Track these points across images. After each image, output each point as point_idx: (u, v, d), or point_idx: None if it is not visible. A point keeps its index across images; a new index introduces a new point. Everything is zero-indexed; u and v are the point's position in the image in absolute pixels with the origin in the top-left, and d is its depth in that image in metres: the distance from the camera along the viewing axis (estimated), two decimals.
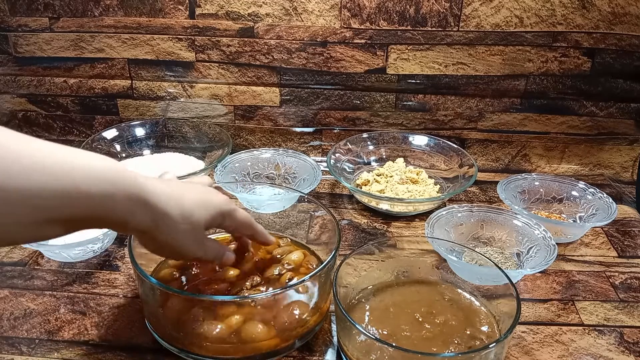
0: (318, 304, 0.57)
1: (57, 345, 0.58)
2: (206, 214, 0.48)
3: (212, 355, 0.53)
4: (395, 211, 0.82)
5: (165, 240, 0.45)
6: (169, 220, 0.44)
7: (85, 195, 0.36)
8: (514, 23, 0.89)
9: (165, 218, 0.44)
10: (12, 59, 0.97)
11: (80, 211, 0.37)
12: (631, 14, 0.87)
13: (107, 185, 0.38)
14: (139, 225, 0.42)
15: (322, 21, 0.90)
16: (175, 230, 0.45)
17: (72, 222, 0.37)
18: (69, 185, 0.35)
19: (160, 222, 0.43)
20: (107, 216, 0.39)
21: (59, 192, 0.35)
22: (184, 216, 0.45)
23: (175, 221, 0.44)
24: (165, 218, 0.43)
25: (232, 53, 0.94)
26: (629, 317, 0.64)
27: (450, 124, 0.98)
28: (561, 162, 0.99)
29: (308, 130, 0.99)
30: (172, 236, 0.45)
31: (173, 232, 0.45)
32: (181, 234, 0.46)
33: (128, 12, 0.92)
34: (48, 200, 0.34)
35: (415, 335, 0.55)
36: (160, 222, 0.43)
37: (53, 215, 0.36)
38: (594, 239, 0.79)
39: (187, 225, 0.46)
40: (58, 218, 0.36)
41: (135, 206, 0.41)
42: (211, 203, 0.49)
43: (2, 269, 0.69)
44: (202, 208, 0.48)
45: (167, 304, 0.54)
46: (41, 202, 0.34)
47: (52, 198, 0.35)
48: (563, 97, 0.95)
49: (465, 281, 0.62)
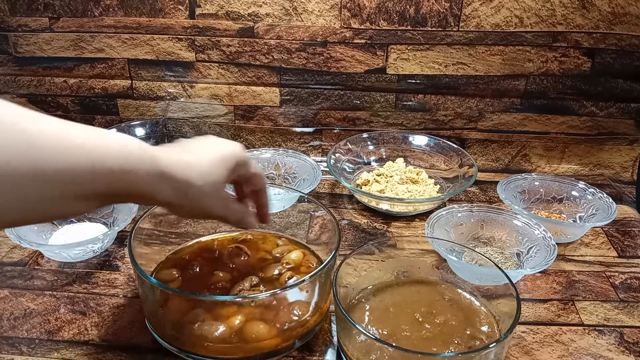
0: (318, 304, 0.57)
1: (57, 345, 0.58)
2: (225, 168, 0.48)
3: (212, 355, 0.53)
4: (395, 211, 0.82)
5: (193, 205, 0.46)
6: (192, 188, 0.45)
7: (107, 171, 0.38)
8: (514, 23, 0.89)
9: (189, 187, 0.44)
10: (12, 59, 0.97)
11: (105, 187, 0.38)
12: (631, 14, 0.87)
13: (125, 163, 0.39)
14: (165, 198, 0.43)
15: (322, 21, 0.90)
16: (200, 195, 0.46)
17: (101, 197, 0.39)
18: (98, 162, 0.37)
19: (185, 191, 0.44)
20: (132, 190, 0.41)
21: (83, 169, 0.36)
22: (206, 179, 0.46)
23: (199, 186, 0.45)
24: (188, 187, 0.44)
25: (232, 53, 0.94)
26: (629, 317, 0.64)
27: (450, 124, 0.98)
28: (561, 162, 0.99)
29: (308, 130, 0.99)
30: (198, 201, 0.46)
31: (198, 197, 0.46)
32: (206, 197, 0.47)
33: (128, 12, 0.92)
34: (74, 177, 0.36)
35: (415, 335, 0.55)
36: (185, 191, 0.44)
37: (80, 191, 0.37)
38: (594, 239, 0.79)
39: (210, 187, 0.46)
40: (85, 193, 0.37)
41: (157, 181, 0.42)
42: (228, 155, 0.49)
43: (2, 269, 0.69)
44: (221, 164, 0.48)
45: (167, 304, 0.54)
46: (68, 179, 0.35)
47: (77, 175, 0.36)
48: (563, 97, 0.95)
49: (465, 281, 0.62)
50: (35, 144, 0.34)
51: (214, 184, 0.47)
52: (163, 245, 0.67)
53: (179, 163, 0.44)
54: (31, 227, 0.71)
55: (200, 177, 0.45)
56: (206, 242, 0.69)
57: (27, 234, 0.69)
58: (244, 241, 0.68)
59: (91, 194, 0.38)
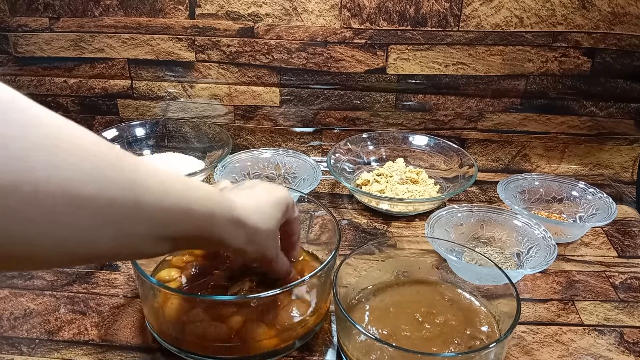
0: (318, 304, 0.57)
1: (57, 345, 0.58)
2: (280, 211, 0.51)
3: (212, 355, 0.53)
4: (395, 211, 0.82)
5: (257, 249, 0.48)
6: (259, 234, 0.47)
7: (194, 213, 0.39)
8: (514, 23, 0.89)
9: (256, 233, 0.47)
10: (12, 59, 0.97)
11: (185, 229, 0.39)
12: (631, 14, 0.87)
13: (212, 205, 0.41)
14: (236, 243, 0.45)
15: (322, 21, 0.90)
16: (263, 240, 0.48)
17: (177, 240, 0.40)
18: (185, 204, 0.38)
19: (253, 236, 0.47)
20: (208, 235, 0.42)
21: (176, 210, 0.38)
22: (267, 225, 0.48)
23: (264, 231, 0.48)
24: (256, 233, 0.47)
25: (232, 53, 0.94)
26: (629, 317, 0.64)
27: (450, 124, 0.98)
28: (561, 162, 0.99)
29: (308, 130, 0.99)
30: (261, 245, 0.49)
31: (260, 242, 0.48)
32: (267, 241, 0.49)
33: (128, 12, 0.92)
34: (166, 219, 0.37)
35: (415, 335, 0.55)
36: (253, 236, 0.47)
37: (164, 232, 0.38)
38: (594, 239, 0.79)
39: (271, 232, 0.49)
40: (166, 235, 0.38)
41: (233, 227, 0.44)
42: (281, 199, 0.51)
43: None
44: (277, 208, 0.50)
45: (167, 304, 0.54)
46: (163, 217, 0.37)
47: (170, 217, 0.37)
48: (563, 97, 0.95)
49: (465, 281, 0.62)
50: (140, 183, 0.35)
51: (274, 228, 0.50)
52: None
53: (249, 208, 0.46)
54: None
55: (264, 222, 0.48)
56: None
57: None
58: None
59: (171, 236, 0.38)
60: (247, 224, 0.45)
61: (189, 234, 0.40)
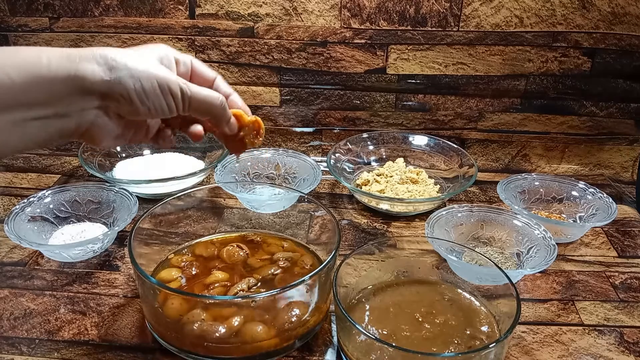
0: (318, 304, 0.57)
1: (57, 345, 0.58)
2: (144, 48, 0.47)
3: (211, 355, 0.53)
4: (395, 211, 0.82)
5: (131, 76, 0.43)
6: (121, 58, 0.43)
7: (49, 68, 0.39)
8: (514, 23, 0.89)
9: (115, 59, 0.43)
10: None
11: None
12: (631, 14, 0.87)
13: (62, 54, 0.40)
14: (92, 76, 0.41)
15: (322, 21, 0.90)
16: (134, 63, 0.44)
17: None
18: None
19: (112, 63, 0.42)
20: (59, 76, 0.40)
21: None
22: (126, 52, 0.44)
23: (125, 56, 0.43)
24: (115, 59, 0.43)
25: (232, 53, 0.94)
26: (629, 317, 0.64)
27: (450, 124, 0.98)
28: (561, 162, 0.99)
29: (308, 130, 0.99)
30: (136, 70, 0.43)
31: (133, 65, 0.43)
32: (137, 63, 0.44)
33: (128, 12, 0.92)
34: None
35: (415, 335, 0.55)
36: (112, 63, 0.42)
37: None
38: (594, 239, 0.79)
39: (137, 57, 0.44)
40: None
41: (87, 61, 0.41)
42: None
43: (2, 269, 0.69)
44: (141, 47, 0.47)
45: (167, 304, 0.54)
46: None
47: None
48: (563, 97, 0.95)
49: (465, 281, 0.62)
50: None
51: (142, 54, 0.45)
52: (163, 245, 0.67)
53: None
54: (31, 227, 0.71)
55: (122, 51, 0.43)
56: (206, 242, 0.69)
57: (27, 234, 0.69)
58: (246, 242, 0.69)
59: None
60: (102, 53, 0.41)
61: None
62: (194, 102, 0.47)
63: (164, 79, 0.44)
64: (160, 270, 0.64)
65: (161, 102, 0.45)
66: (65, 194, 0.76)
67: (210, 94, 0.48)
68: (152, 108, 0.44)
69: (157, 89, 0.44)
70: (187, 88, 0.46)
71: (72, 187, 0.77)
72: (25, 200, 0.73)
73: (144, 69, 0.43)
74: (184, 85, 0.46)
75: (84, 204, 0.76)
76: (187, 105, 0.47)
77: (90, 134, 0.44)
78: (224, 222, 0.73)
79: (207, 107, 0.48)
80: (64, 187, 0.77)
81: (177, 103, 0.46)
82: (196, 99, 0.47)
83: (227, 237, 0.70)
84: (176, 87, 0.45)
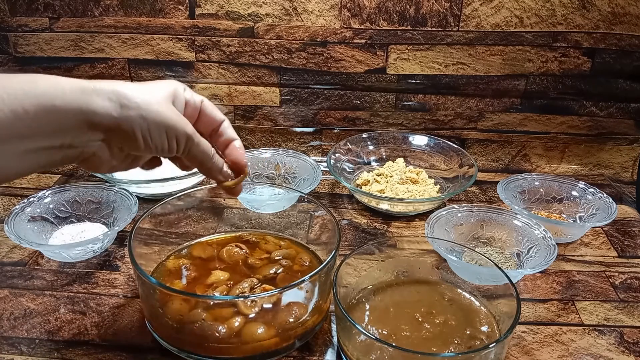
0: (318, 304, 0.57)
1: (57, 345, 0.58)
2: (158, 85, 0.47)
3: (212, 355, 0.53)
4: (395, 211, 0.82)
5: (140, 116, 0.44)
6: (133, 98, 0.43)
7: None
8: (514, 23, 0.89)
9: (126, 97, 0.43)
10: (12, 59, 0.97)
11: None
12: (631, 14, 0.87)
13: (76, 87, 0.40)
14: (102, 111, 0.42)
15: (322, 21, 0.90)
16: (146, 103, 0.44)
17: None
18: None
19: (124, 101, 0.43)
20: (70, 108, 0.40)
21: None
22: (142, 89, 0.44)
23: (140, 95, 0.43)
24: (126, 98, 0.43)
25: (232, 53, 0.94)
26: (629, 317, 0.64)
27: (450, 124, 0.98)
28: (561, 162, 0.99)
29: (308, 130, 0.99)
30: (146, 111, 0.44)
31: (144, 105, 0.44)
32: (149, 103, 0.44)
33: (128, 12, 0.92)
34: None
35: (415, 335, 0.55)
36: (124, 101, 0.43)
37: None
38: (594, 239, 0.79)
39: (152, 98, 0.44)
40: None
41: (99, 96, 0.42)
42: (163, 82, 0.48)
43: (2, 269, 0.69)
44: (156, 84, 0.47)
45: (167, 304, 0.54)
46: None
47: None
48: (563, 97, 0.95)
49: (465, 281, 0.62)
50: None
51: (157, 95, 0.45)
52: (163, 245, 0.67)
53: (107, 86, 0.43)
54: (31, 227, 0.71)
55: (138, 88, 0.43)
56: (206, 242, 0.69)
57: (27, 234, 0.69)
58: (245, 242, 0.69)
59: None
60: (114, 89, 0.42)
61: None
62: (192, 152, 0.48)
63: (173, 126, 0.45)
64: (160, 270, 0.64)
65: (164, 144, 0.45)
66: (65, 194, 0.76)
67: (208, 150, 0.49)
68: (154, 147, 0.45)
69: (164, 134, 0.45)
70: (194, 138, 0.47)
71: (72, 187, 0.77)
72: (25, 200, 0.73)
73: (155, 111, 0.44)
74: (191, 133, 0.47)
75: (84, 204, 0.76)
76: (187, 152, 0.48)
77: (90, 162, 0.45)
78: (224, 222, 0.73)
79: (201, 158, 0.49)
80: (64, 187, 0.77)
81: (179, 148, 0.47)
82: (197, 151, 0.48)
83: (227, 237, 0.70)
84: (182, 137, 0.46)
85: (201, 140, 0.48)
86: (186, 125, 0.46)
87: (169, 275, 0.62)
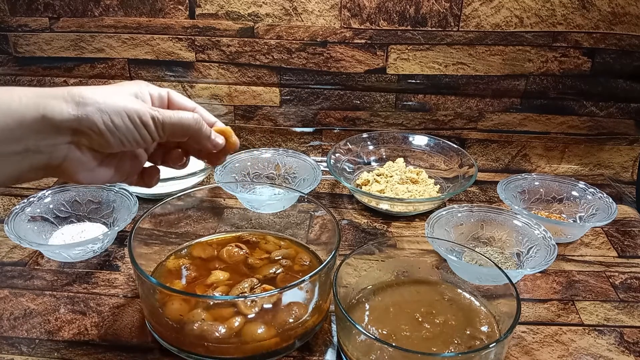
0: (318, 304, 0.57)
1: (57, 345, 0.58)
2: (117, 85, 0.47)
3: (212, 355, 0.53)
4: (395, 211, 0.82)
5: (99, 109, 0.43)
6: (90, 96, 0.43)
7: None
8: (514, 23, 0.89)
9: (82, 96, 0.43)
10: (12, 59, 0.97)
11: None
12: (631, 14, 0.87)
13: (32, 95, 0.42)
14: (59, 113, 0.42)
15: (322, 21, 0.90)
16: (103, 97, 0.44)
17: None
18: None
19: (80, 99, 0.43)
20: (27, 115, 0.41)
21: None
22: (99, 90, 0.44)
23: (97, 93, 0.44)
24: (82, 96, 0.43)
25: (232, 53, 0.94)
26: (629, 317, 0.64)
27: (450, 124, 0.98)
28: (561, 162, 0.99)
29: (308, 130, 0.99)
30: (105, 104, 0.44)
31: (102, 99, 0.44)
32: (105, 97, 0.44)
33: (128, 12, 0.92)
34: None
35: (415, 335, 0.55)
36: (80, 99, 0.43)
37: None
38: (594, 239, 0.79)
39: (108, 93, 0.44)
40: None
41: (56, 99, 0.42)
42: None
43: (2, 269, 0.69)
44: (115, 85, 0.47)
45: (167, 304, 0.54)
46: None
47: None
48: (563, 97, 0.95)
49: (465, 281, 0.62)
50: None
51: (114, 91, 0.45)
52: (163, 245, 0.67)
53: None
54: (31, 227, 0.71)
55: (92, 89, 0.43)
56: (206, 242, 0.69)
57: (27, 234, 0.69)
58: (245, 242, 0.69)
59: None
60: (70, 90, 0.42)
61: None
62: (167, 126, 0.46)
63: (132, 109, 0.44)
64: (160, 270, 0.64)
65: (133, 133, 0.45)
66: (65, 194, 0.76)
67: (183, 114, 0.48)
68: (125, 140, 0.44)
69: (127, 120, 0.44)
70: (158, 114, 0.46)
71: (72, 187, 0.77)
72: (25, 200, 0.73)
73: (112, 102, 0.43)
74: (154, 112, 0.46)
75: (84, 204, 0.76)
76: (162, 131, 0.46)
77: (64, 169, 0.44)
78: (224, 222, 0.73)
79: (182, 127, 0.48)
80: (64, 187, 0.77)
81: (150, 131, 0.46)
82: (170, 123, 0.47)
83: (227, 237, 0.70)
84: (147, 116, 0.45)
85: (171, 112, 0.47)
86: (148, 106, 0.46)
87: (169, 275, 0.62)
